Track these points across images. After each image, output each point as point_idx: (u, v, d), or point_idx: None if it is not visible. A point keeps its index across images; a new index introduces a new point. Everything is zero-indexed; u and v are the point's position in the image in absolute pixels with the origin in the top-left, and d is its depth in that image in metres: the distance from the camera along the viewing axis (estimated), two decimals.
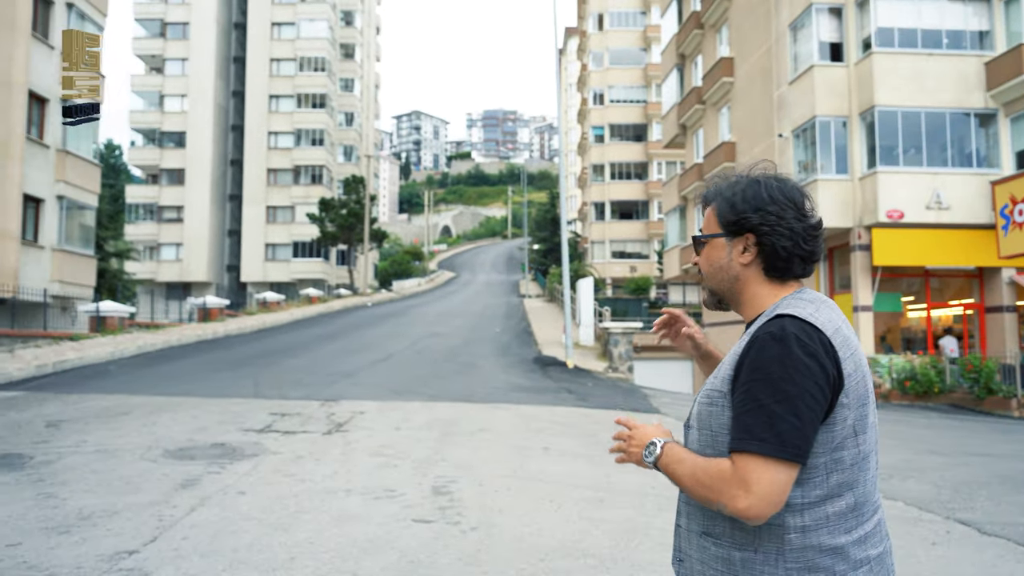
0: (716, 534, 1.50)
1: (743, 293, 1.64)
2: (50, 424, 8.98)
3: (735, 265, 1.62)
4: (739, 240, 1.61)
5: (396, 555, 4.71)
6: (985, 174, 18.88)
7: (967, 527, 5.53)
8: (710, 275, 1.67)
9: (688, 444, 1.60)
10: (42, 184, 21.95)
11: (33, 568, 4.47)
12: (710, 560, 1.50)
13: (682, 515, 1.60)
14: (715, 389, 1.53)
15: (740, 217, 1.60)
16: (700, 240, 1.69)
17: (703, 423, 1.54)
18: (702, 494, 1.45)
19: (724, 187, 1.69)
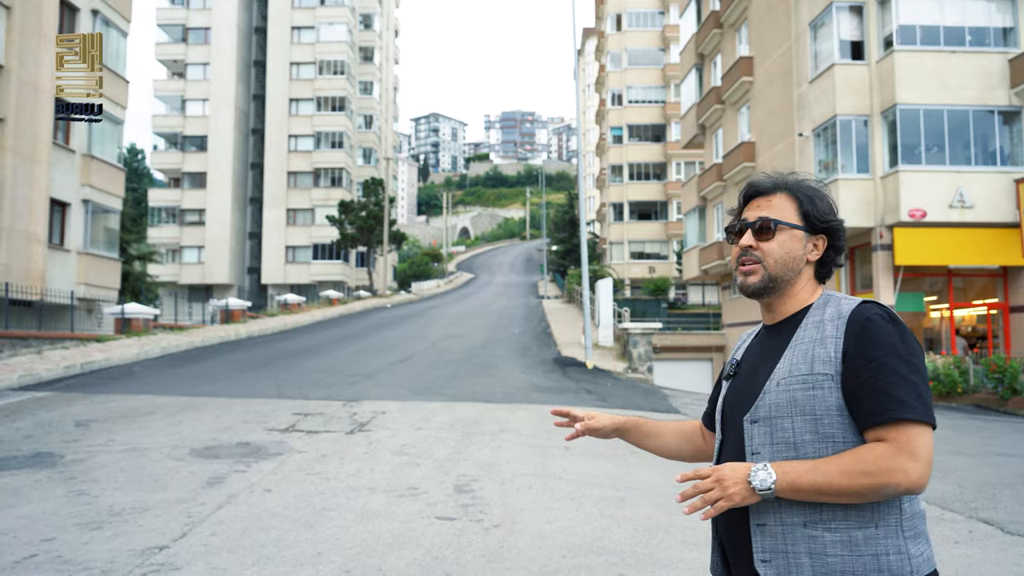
0: (826, 520, 1.48)
1: (795, 286, 1.68)
2: (79, 424, 9.15)
3: (804, 259, 1.68)
4: (813, 238, 1.69)
5: (421, 551, 4.79)
6: (1009, 172, 18.69)
7: (990, 526, 5.52)
8: (780, 261, 1.66)
9: (757, 438, 1.58)
10: (68, 188, 22.29)
11: (68, 562, 4.59)
12: (826, 547, 1.47)
13: (765, 513, 1.53)
14: (820, 373, 1.53)
15: (825, 219, 1.68)
16: (776, 226, 1.68)
17: (797, 409, 1.53)
18: (864, 484, 1.43)
19: (804, 185, 1.72)
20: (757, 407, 1.59)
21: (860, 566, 1.45)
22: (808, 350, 1.57)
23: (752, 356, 1.75)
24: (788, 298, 1.69)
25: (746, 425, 1.61)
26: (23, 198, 20.01)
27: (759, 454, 1.57)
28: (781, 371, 1.59)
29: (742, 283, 1.70)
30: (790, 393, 1.55)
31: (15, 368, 12.61)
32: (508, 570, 4.48)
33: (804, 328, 1.62)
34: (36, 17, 20.72)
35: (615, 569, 4.52)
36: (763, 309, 1.76)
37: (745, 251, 1.70)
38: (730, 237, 1.78)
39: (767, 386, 1.59)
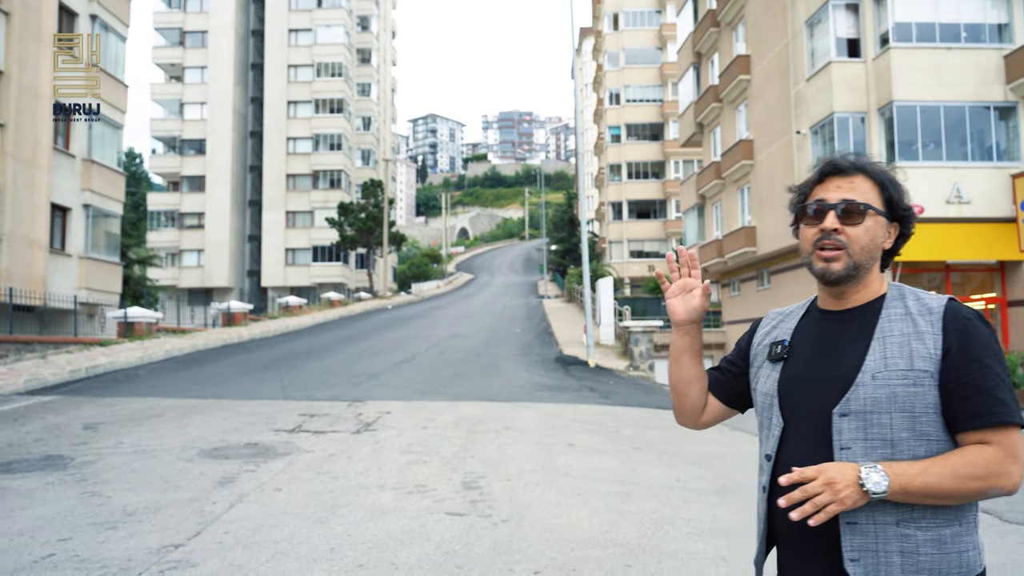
0: (917, 519, 1.47)
1: (870, 273, 1.64)
2: (88, 426, 9.24)
3: (881, 247, 1.65)
4: (891, 226, 1.66)
5: (432, 546, 4.88)
6: (1006, 167, 18.82)
7: (989, 515, 5.62)
8: (865, 249, 1.60)
9: (848, 433, 1.52)
10: (69, 193, 22.38)
11: (86, 561, 4.68)
12: (918, 546, 1.46)
13: (856, 512, 1.48)
14: (920, 370, 1.49)
15: (904, 209, 1.66)
16: (862, 209, 1.61)
17: (896, 405, 1.49)
18: (973, 488, 1.42)
19: (886, 171, 1.67)
20: (848, 400, 1.52)
21: (947, 563, 1.46)
22: (904, 344, 1.53)
23: (809, 340, 1.67)
24: (863, 286, 1.64)
25: (835, 418, 1.53)
26: (24, 203, 20.10)
27: (850, 449, 1.51)
28: (874, 363, 1.53)
29: (824, 269, 1.61)
30: (889, 388, 1.50)
31: (20, 373, 12.69)
32: (518, 562, 4.57)
33: (888, 320, 1.58)
34: (35, 22, 20.81)
35: (622, 560, 4.62)
36: (829, 295, 1.68)
37: (828, 234, 1.61)
38: (804, 219, 1.68)
39: (860, 378, 1.53)
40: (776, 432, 1.63)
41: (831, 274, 1.61)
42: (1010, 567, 4.55)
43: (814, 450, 1.55)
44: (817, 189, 1.67)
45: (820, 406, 1.56)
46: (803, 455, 1.56)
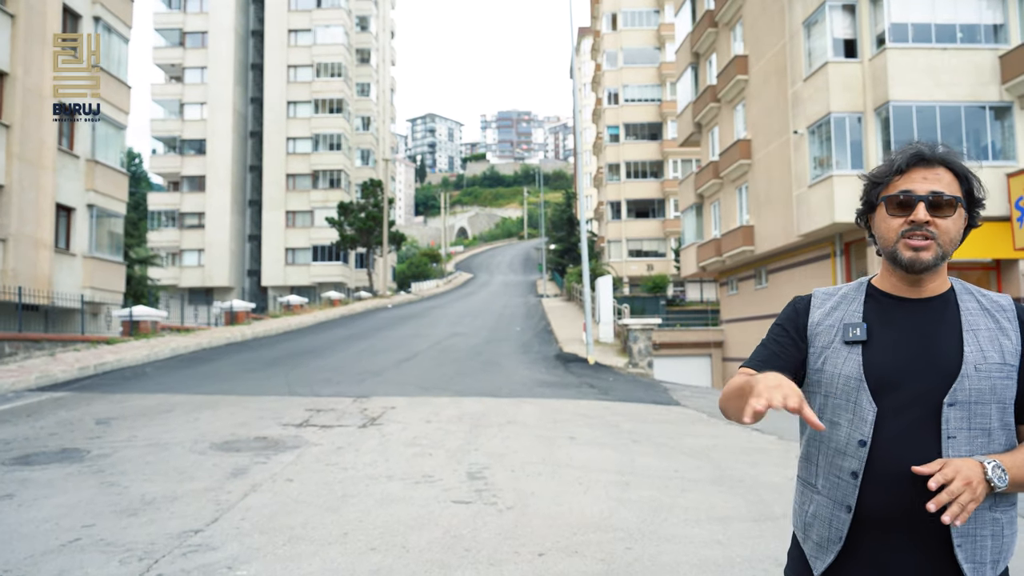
0: (1001, 504, 1.58)
1: (945, 263, 1.68)
2: (100, 421, 9.46)
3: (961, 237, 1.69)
4: (964, 218, 1.69)
5: (440, 531, 5.11)
6: (1001, 166, 19.03)
7: None
8: (952, 241, 1.65)
9: (954, 422, 1.57)
10: (73, 193, 22.58)
11: (111, 544, 4.90)
12: (1003, 528, 1.58)
13: None
14: (1010, 364, 1.59)
15: (980, 203, 1.70)
16: (952, 202, 1.64)
17: (995, 396, 1.57)
18: None
19: (965, 165, 1.70)
20: (956, 390, 1.57)
21: (1012, 542, 1.60)
22: (993, 339, 1.60)
23: (892, 326, 1.68)
24: (939, 276, 1.68)
25: (944, 408, 1.56)
26: (30, 203, 20.30)
27: (955, 438, 1.56)
28: (974, 356, 1.59)
29: (912, 259, 1.62)
30: (991, 380, 1.57)
31: (31, 370, 12.91)
32: (523, 545, 4.80)
33: (969, 313, 1.64)
34: (40, 25, 21.00)
35: (622, 544, 4.84)
36: (905, 283, 1.69)
37: (919, 226, 1.62)
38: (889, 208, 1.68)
39: (964, 370, 1.57)
40: (870, 419, 1.60)
41: (921, 264, 1.62)
42: None
43: (919, 438, 1.57)
44: (900, 180, 1.67)
45: (926, 394, 1.58)
46: (908, 442, 1.57)
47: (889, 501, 1.57)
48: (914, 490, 1.53)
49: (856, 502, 1.61)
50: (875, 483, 1.58)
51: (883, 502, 1.57)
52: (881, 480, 1.57)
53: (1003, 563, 1.58)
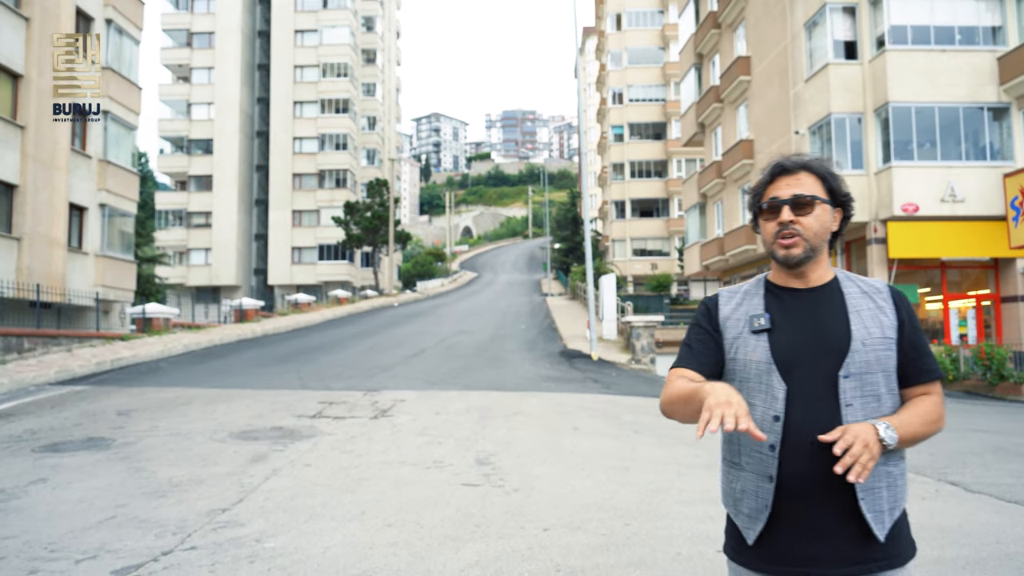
0: (893, 459, 1.80)
1: (822, 254, 1.91)
2: (121, 413, 9.83)
3: (830, 231, 1.92)
4: (836, 211, 1.92)
5: (452, 510, 5.46)
6: (999, 166, 19.31)
7: (955, 486, 6.18)
8: (817, 234, 1.87)
9: (850, 391, 1.79)
10: (85, 193, 22.99)
11: (145, 522, 5.26)
12: (895, 479, 1.81)
13: None
14: (889, 337, 1.83)
15: (845, 196, 1.93)
16: (811, 200, 1.87)
17: (880, 366, 1.81)
18: (932, 431, 1.80)
19: (824, 166, 1.92)
20: (848, 364, 1.79)
21: (904, 491, 1.83)
22: (874, 317, 1.84)
23: (789, 314, 1.90)
24: (818, 265, 1.91)
25: (840, 380, 1.78)
26: (44, 203, 20.70)
27: (852, 406, 1.77)
28: (860, 332, 1.82)
29: (785, 256, 1.88)
30: (876, 352, 1.80)
31: (50, 365, 13.30)
32: (529, 522, 5.15)
33: (851, 296, 1.88)
34: (54, 27, 21.38)
35: (622, 521, 5.19)
36: (792, 276, 1.93)
37: (785, 226, 1.87)
38: (763, 215, 1.93)
39: (854, 345, 1.80)
40: (780, 396, 1.80)
41: (792, 259, 1.87)
42: (966, 527, 5.10)
43: (822, 408, 1.78)
44: (769, 189, 1.92)
45: (824, 370, 1.80)
46: (813, 414, 1.78)
47: (804, 467, 1.77)
48: (823, 455, 1.72)
49: (776, 472, 1.80)
50: (790, 453, 1.78)
51: (799, 469, 1.78)
52: (795, 449, 1.78)
53: (898, 510, 1.81)
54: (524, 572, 4.21)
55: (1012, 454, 7.70)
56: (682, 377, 1.89)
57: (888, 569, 1.78)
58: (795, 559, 1.79)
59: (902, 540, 1.82)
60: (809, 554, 1.78)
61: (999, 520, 5.18)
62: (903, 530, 1.84)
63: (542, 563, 4.36)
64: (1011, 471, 6.81)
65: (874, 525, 1.75)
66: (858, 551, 1.77)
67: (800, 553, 1.79)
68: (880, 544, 1.77)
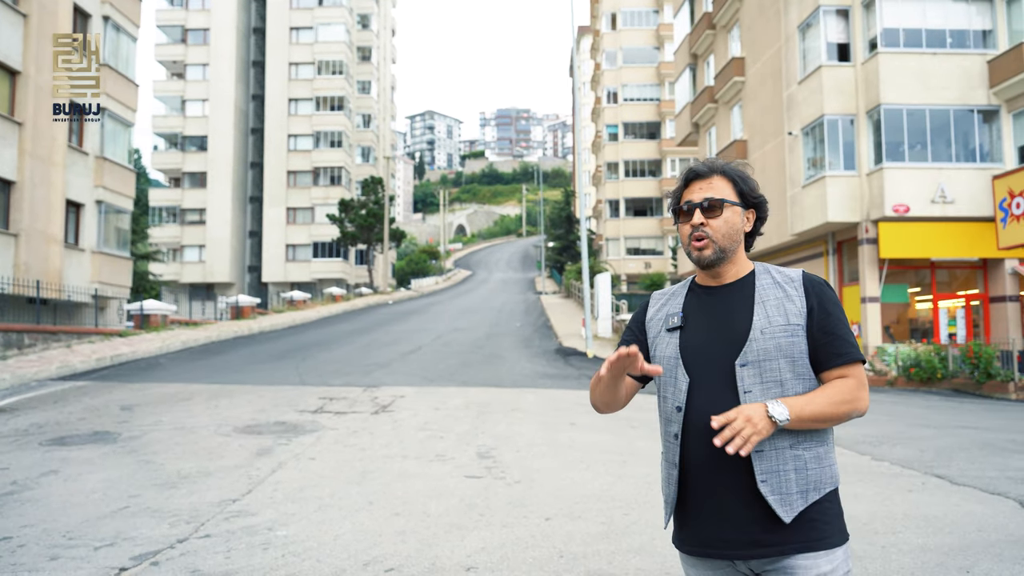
0: (803, 442, 1.81)
1: (736, 253, 1.96)
2: (124, 408, 9.97)
3: (742, 231, 1.96)
4: (747, 212, 1.98)
5: (456, 500, 5.64)
6: (988, 168, 19.56)
7: (941, 479, 6.39)
8: (726, 235, 1.93)
9: (748, 379, 1.82)
10: (82, 189, 23.04)
11: (158, 511, 5.43)
12: (807, 463, 1.80)
13: (761, 442, 1.77)
14: (795, 324, 1.84)
15: (756, 197, 1.98)
16: (720, 203, 1.93)
17: (781, 353, 1.82)
18: (842, 411, 1.78)
19: (736, 169, 1.99)
20: (746, 352, 1.83)
21: (823, 475, 1.82)
22: (779, 305, 1.87)
23: (701, 311, 1.96)
24: (733, 265, 1.96)
25: (737, 369, 1.83)
26: (41, 200, 20.77)
27: (751, 392, 1.81)
28: (760, 322, 1.85)
29: (698, 257, 1.93)
30: (775, 340, 1.82)
31: (51, 361, 13.42)
32: (531, 511, 5.33)
33: (763, 288, 1.91)
34: (52, 24, 21.44)
35: (620, 511, 5.38)
36: (708, 275, 1.99)
37: (697, 228, 1.93)
38: (678, 218, 1.99)
39: (752, 334, 1.84)
40: (683, 387, 1.88)
41: (704, 260, 1.93)
42: (950, 517, 5.31)
43: (722, 396, 1.83)
44: (685, 192, 1.99)
45: (723, 361, 1.85)
46: (713, 402, 1.83)
47: (704, 453, 1.82)
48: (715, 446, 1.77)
49: (679, 459, 1.88)
50: (692, 440, 1.85)
51: (699, 455, 1.84)
52: (696, 437, 1.84)
53: (816, 493, 1.81)
54: (528, 558, 4.39)
55: (997, 449, 7.92)
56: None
57: (805, 552, 1.78)
58: (711, 542, 1.83)
59: (824, 525, 1.81)
60: (721, 537, 1.82)
61: (982, 510, 5.39)
62: (826, 515, 1.82)
63: (545, 550, 4.55)
64: (995, 465, 7.02)
65: (778, 508, 1.77)
66: (767, 534, 1.78)
67: (713, 536, 1.83)
68: (791, 527, 1.78)
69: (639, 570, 4.22)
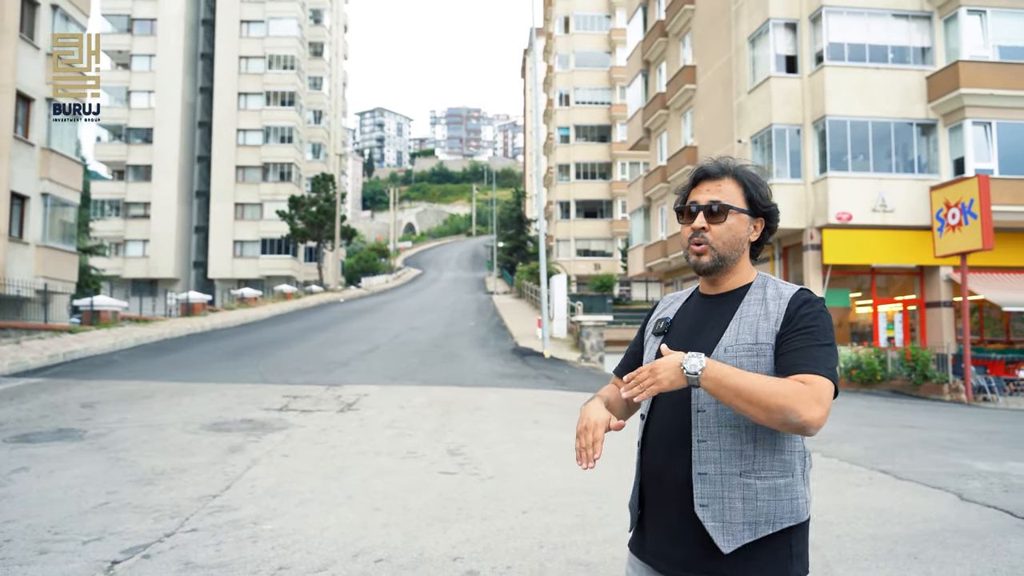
0: (757, 470, 1.68)
1: (739, 263, 1.85)
2: (85, 405, 9.88)
3: (747, 240, 1.85)
4: (755, 221, 1.85)
5: (434, 495, 5.84)
6: (926, 179, 20.52)
7: (886, 475, 6.84)
8: (727, 243, 1.81)
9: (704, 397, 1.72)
10: (27, 181, 22.46)
11: (139, 507, 5.49)
12: (757, 494, 1.68)
13: (706, 463, 1.70)
14: (763, 343, 1.72)
15: (766, 205, 1.85)
16: (726, 209, 1.81)
17: None
18: (776, 404, 1.56)
19: (750, 173, 1.86)
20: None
21: (780, 508, 1.69)
22: (754, 324, 1.75)
23: (687, 318, 1.89)
24: (732, 274, 1.86)
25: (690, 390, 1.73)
26: None
27: (704, 411, 1.72)
28: (728, 339, 1.75)
29: (695, 262, 1.84)
30: (736, 360, 1.71)
31: (2, 357, 13.14)
32: (508, 505, 5.57)
33: (748, 304, 1.80)
34: None
35: (593, 504, 5.66)
36: (706, 282, 1.90)
37: (697, 232, 1.83)
38: (681, 218, 1.89)
39: (715, 352, 1.74)
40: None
41: (700, 266, 1.84)
42: (897, 508, 5.71)
43: (677, 409, 1.77)
44: (692, 192, 1.88)
45: None
46: (667, 414, 1.79)
47: (657, 466, 1.79)
48: (673, 456, 1.75)
49: (640, 466, 1.86)
50: (649, 451, 1.82)
51: (653, 466, 1.81)
52: (652, 448, 1.82)
53: (769, 525, 1.68)
54: (511, 548, 4.62)
55: (935, 446, 8.45)
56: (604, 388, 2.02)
57: None
58: (656, 553, 1.79)
59: (769, 566, 1.69)
60: (663, 551, 1.77)
61: (925, 503, 5.82)
62: (776, 556, 1.70)
63: (525, 540, 4.79)
64: (934, 461, 7.52)
65: (717, 536, 1.67)
66: (705, 560, 1.70)
67: (658, 548, 1.79)
68: (731, 560, 1.68)
69: (615, 559, 4.49)
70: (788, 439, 1.73)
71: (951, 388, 16.14)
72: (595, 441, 1.70)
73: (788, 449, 1.72)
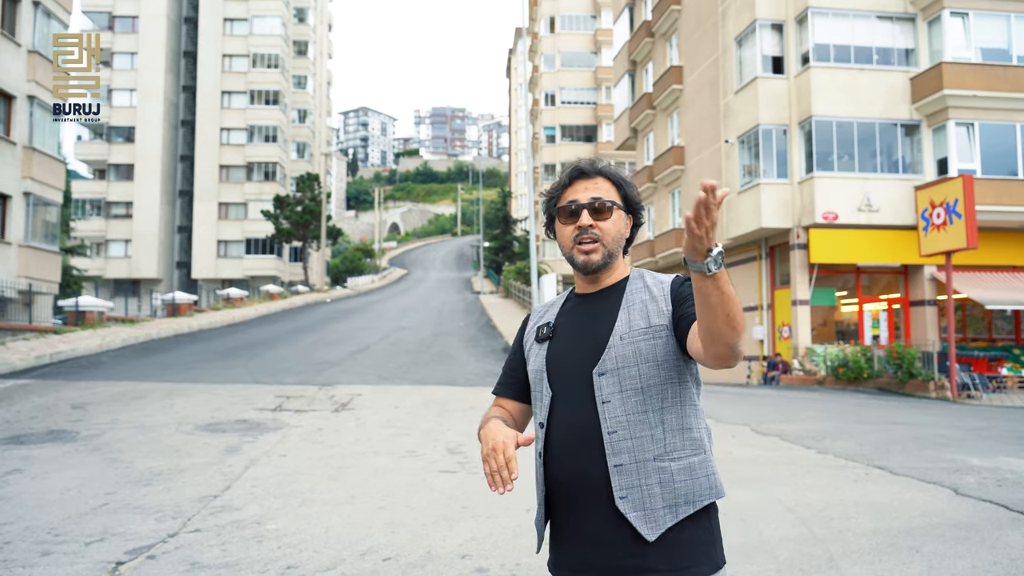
0: (670, 452, 1.68)
1: (618, 258, 1.86)
2: (76, 406, 9.79)
3: (625, 237, 1.87)
4: (628, 218, 1.88)
5: (437, 494, 5.84)
6: (910, 179, 20.74)
7: (882, 470, 6.91)
8: (614, 239, 1.83)
9: (607, 388, 1.70)
10: (9, 180, 22.20)
11: (139, 508, 5.46)
12: (673, 475, 1.67)
13: (620, 454, 1.67)
14: (657, 325, 1.72)
15: (637, 203, 1.89)
16: (610, 205, 1.83)
17: (640, 358, 1.70)
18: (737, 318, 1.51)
19: (619, 173, 1.90)
20: (604, 360, 1.71)
21: (696, 487, 1.68)
22: (643, 308, 1.75)
23: (572, 319, 1.86)
24: (613, 270, 1.86)
25: (595, 378, 1.71)
26: None
27: (609, 402, 1.69)
28: (621, 327, 1.74)
29: (585, 261, 1.81)
30: (635, 345, 1.71)
31: None
32: (512, 504, 5.57)
33: (631, 292, 1.80)
34: None
35: None
36: (586, 282, 1.88)
37: (585, 230, 1.80)
38: (559, 219, 1.86)
39: (611, 342, 1.73)
40: (547, 402, 1.78)
41: (592, 265, 1.81)
42: (895, 503, 5.78)
43: (580, 407, 1.72)
44: (567, 192, 1.87)
45: (582, 370, 1.74)
46: (570, 414, 1.73)
47: (566, 471, 1.72)
48: (582, 458, 1.69)
49: (544, 477, 1.78)
50: (553, 458, 1.75)
51: (562, 472, 1.73)
52: (557, 453, 1.74)
53: (689, 505, 1.68)
54: (518, 546, 4.63)
55: (927, 443, 8.55)
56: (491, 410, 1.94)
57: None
58: (575, 565, 1.72)
59: (693, 548, 1.68)
60: (583, 559, 1.70)
61: (922, 497, 5.89)
62: (700, 535, 1.69)
63: (533, 538, 4.79)
64: (927, 457, 7.61)
65: (640, 525, 1.64)
66: (630, 557, 1.65)
67: (576, 559, 1.72)
68: (655, 549, 1.65)
69: None
70: (694, 417, 1.74)
71: (937, 385, 16.32)
72: (508, 460, 1.60)
73: (696, 427, 1.73)
